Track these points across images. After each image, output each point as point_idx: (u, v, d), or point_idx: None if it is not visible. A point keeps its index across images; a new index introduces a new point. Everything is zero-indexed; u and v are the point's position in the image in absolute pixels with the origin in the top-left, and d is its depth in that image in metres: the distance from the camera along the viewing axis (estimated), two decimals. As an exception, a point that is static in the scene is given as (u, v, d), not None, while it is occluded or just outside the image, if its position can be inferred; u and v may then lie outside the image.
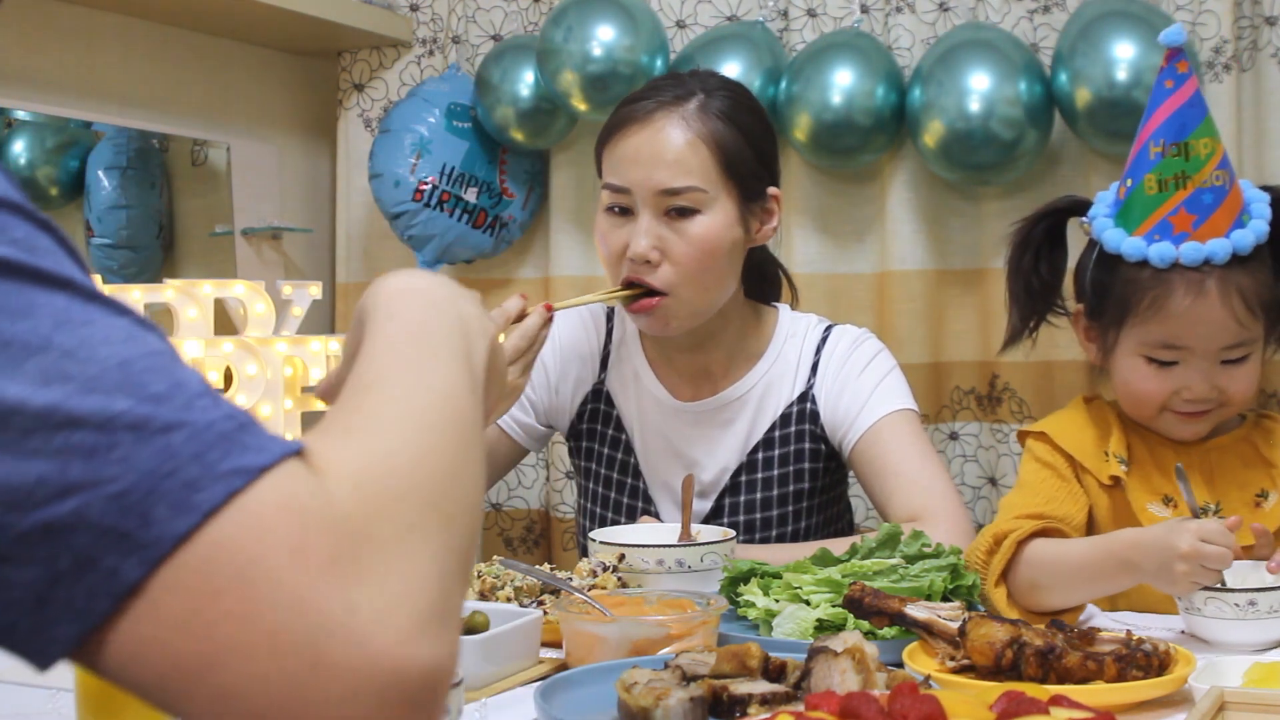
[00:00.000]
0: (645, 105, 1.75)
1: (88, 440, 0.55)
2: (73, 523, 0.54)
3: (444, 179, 3.00)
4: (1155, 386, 1.61)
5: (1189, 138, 1.55)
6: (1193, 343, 1.58)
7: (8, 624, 0.56)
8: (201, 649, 0.56)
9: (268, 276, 3.12)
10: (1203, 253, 1.55)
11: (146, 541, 0.55)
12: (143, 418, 0.56)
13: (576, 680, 1.24)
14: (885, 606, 1.34)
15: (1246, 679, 1.22)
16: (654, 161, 1.73)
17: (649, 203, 1.74)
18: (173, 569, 0.55)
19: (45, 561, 0.54)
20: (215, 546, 0.56)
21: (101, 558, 0.55)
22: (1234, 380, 1.59)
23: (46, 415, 0.55)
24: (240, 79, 3.21)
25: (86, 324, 0.57)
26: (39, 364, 0.55)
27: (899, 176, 2.80)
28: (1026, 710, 0.94)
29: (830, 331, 1.89)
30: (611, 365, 1.94)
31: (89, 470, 0.55)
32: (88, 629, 0.56)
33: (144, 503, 0.55)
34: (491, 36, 3.12)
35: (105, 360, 0.56)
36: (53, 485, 0.54)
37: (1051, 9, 2.73)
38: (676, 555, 1.55)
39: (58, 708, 1.21)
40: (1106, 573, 1.49)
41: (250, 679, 0.56)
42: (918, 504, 1.72)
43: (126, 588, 0.55)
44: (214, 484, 0.56)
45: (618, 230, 1.76)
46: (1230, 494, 1.63)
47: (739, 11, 2.93)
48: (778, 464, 1.85)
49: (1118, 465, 1.64)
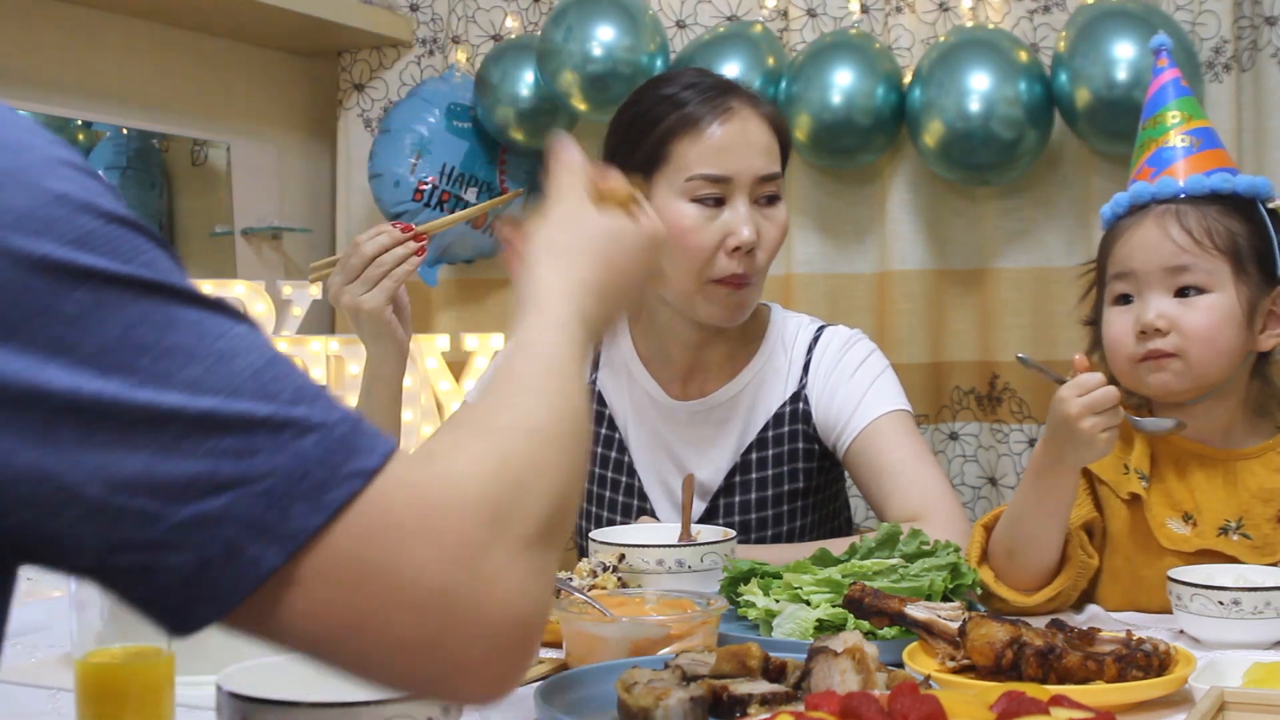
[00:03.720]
0: (716, 97, 1.78)
1: (235, 444, 0.64)
2: (223, 515, 0.64)
3: (444, 179, 3.00)
4: (1119, 327, 1.63)
5: (1157, 112, 1.71)
6: (1135, 265, 1.61)
7: (157, 600, 0.65)
8: (336, 623, 0.68)
9: (268, 276, 3.12)
10: (1150, 190, 1.64)
11: (286, 534, 0.65)
12: (279, 424, 0.66)
13: (576, 680, 1.24)
14: (885, 606, 1.34)
15: (1246, 679, 1.22)
16: (752, 149, 1.77)
17: (747, 190, 1.76)
18: (308, 558, 0.66)
19: (198, 548, 0.64)
20: (344, 537, 0.66)
21: (247, 547, 0.65)
22: (1188, 314, 1.59)
23: (200, 421, 0.64)
24: (240, 79, 3.20)
25: (220, 336, 0.66)
26: (189, 375, 0.64)
27: (899, 176, 2.80)
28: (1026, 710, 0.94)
29: (822, 332, 1.89)
30: (603, 364, 1.94)
31: (237, 470, 0.64)
32: (229, 609, 0.66)
33: (283, 501, 0.65)
34: (491, 36, 3.12)
35: (243, 371, 0.66)
36: (206, 482, 0.64)
37: (1051, 9, 2.73)
38: (676, 555, 1.55)
39: (58, 708, 1.21)
40: (1043, 487, 1.52)
41: (383, 646, 0.69)
42: (915, 504, 1.72)
43: (267, 573, 0.65)
44: (340, 485, 0.67)
45: (710, 224, 1.75)
46: (1254, 507, 1.62)
47: (739, 11, 2.93)
48: (772, 464, 1.85)
49: (1137, 481, 1.63)
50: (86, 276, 0.63)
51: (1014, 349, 2.74)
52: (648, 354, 1.90)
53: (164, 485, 0.63)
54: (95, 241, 0.64)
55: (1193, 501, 1.62)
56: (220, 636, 0.70)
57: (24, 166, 0.65)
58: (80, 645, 1.03)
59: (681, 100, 1.77)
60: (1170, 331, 1.59)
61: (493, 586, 0.71)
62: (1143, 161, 1.69)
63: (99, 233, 0.65)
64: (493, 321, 3.15)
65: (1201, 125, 1.70)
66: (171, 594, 0.65)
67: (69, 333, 0.62)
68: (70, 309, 0.62)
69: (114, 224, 0.66)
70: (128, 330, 0.64)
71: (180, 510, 0.63)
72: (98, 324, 0.63)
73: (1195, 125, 1.69)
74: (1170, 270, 1.60)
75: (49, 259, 0.63)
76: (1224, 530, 1.60)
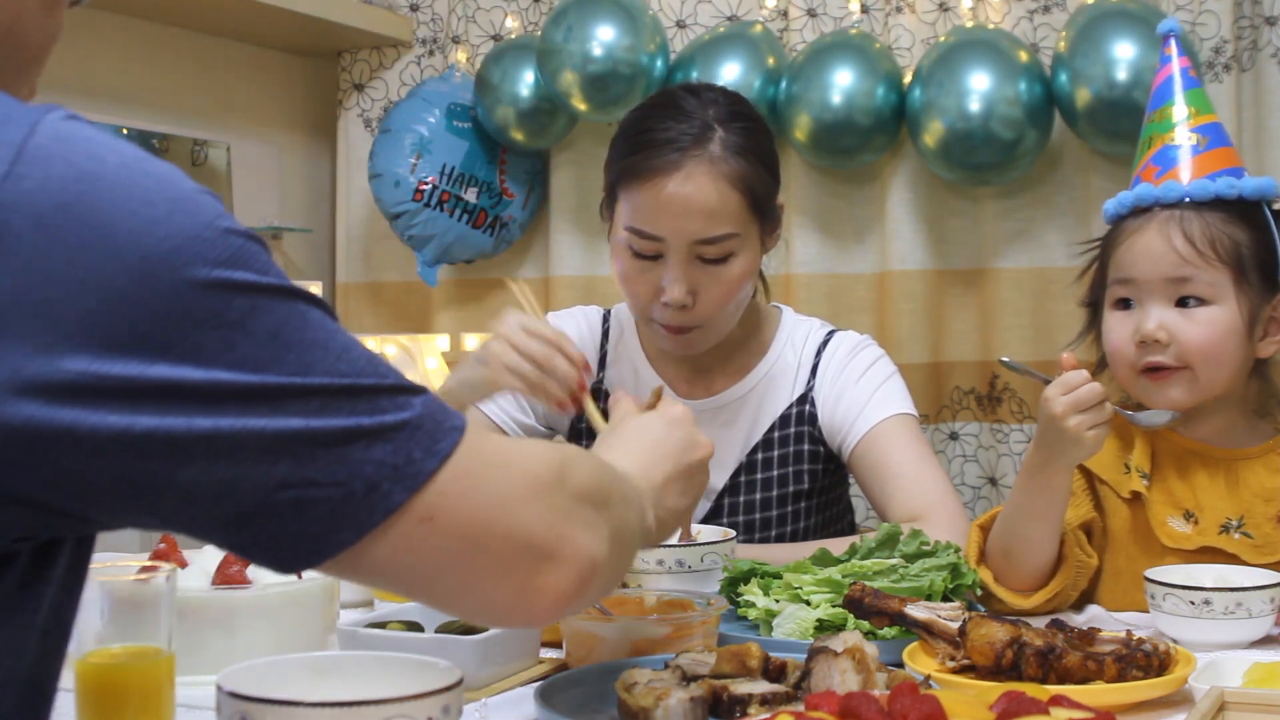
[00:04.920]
0: (668, 152, 1.71)
1: (368, 406, 0.81)
2: (363, 458, 0.80)
3: (444, 179, 2.99)
4: (1119, 335, 1.62)
5: (1163, 105, 1.67)
6: (1137, 273, 1.60)
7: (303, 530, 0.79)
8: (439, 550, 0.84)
9: (268, 276, 3.11)
10: (1154, 193, 1.61)
11: (410, 474, 0.82)
12: (397, 391, 0.83)
13: (576, 680, 1.24)
14: (885, 606, 1.34)
15: (1246, 679, 1.22)
16: (688, 212, 1.71)
17: (682, 251, 1.72)
18: (425, 495, 0.82)
19: (344, 483, 0.79)
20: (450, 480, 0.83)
21: (381, 483, 0.81)
22: (1188, 327, 1.58)
23: (341, 391, 0.80)
24: (240, 79, 3.20)
25: (335, 331, 0.82)
26: (325, 360, 0.80)
27: (899, 176, 2.80)
28: (1026, 710, 0.94)
29: (832, 336, 1.89)
30: (610, 364, 1.94)
31: (373, 423, 0.81)
32: (363, 534, 0.81)
33: (408, 447, 0.82)
34: (491, 36, 3.12)
35: (361, 356, 0.82)
36: (351, 433, 0.80)
37: (1051, 9, 2.73)
38: (676, 555, 1.55)
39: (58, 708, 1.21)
40: (1035, 487, 1.52)
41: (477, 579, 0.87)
42: (917, 504, 1.73)
43: (396, 505, 0.81)
44: (446, 437, 0.84)
45: (645, 274, 1.74)
46: (1255, 507, 1.61)
47: (739, 11, 2.93)
48: (777, 464, 1.85)
49: (1139, 479, 1.63)
50: (240, 290, 0.77)
51: (1014, 349, 2.74)
52: (655, 353, 1.91)
53: (318, 435, 0.78)
54: (241, 258, 0.78)
55: (1194, 500, 1.62)
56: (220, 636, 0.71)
57: (182, 196, 0.77)
58: (80, 645, 1.03)
59: (641, 143, 1.74)
60: (1170, 344, 1.58)
61: (566, 521, 0.89)
62: (1148, 159, 1.66)
63: (243, 250, 0.78)
64: (492, 321, 3.14)
65: (1209, 121, 1.66)
66: (319, 522, 0.79)
67: (232, 337, 0.76)
68: (232, 317, 0.76)
69: (249, 241, 0.79)
70: (276, 331, 0.78)
71: (331, 453, 0.79)
72: (253, 329, 0.77)
73: (1203, 121, 1.65)
74: (1172, 281, 1.59)
75: (212, 278, 0.76)
76: (1225, 528, 1.60)
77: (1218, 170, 1.62)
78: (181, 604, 1.15)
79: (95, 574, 1.03)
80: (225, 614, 1.29)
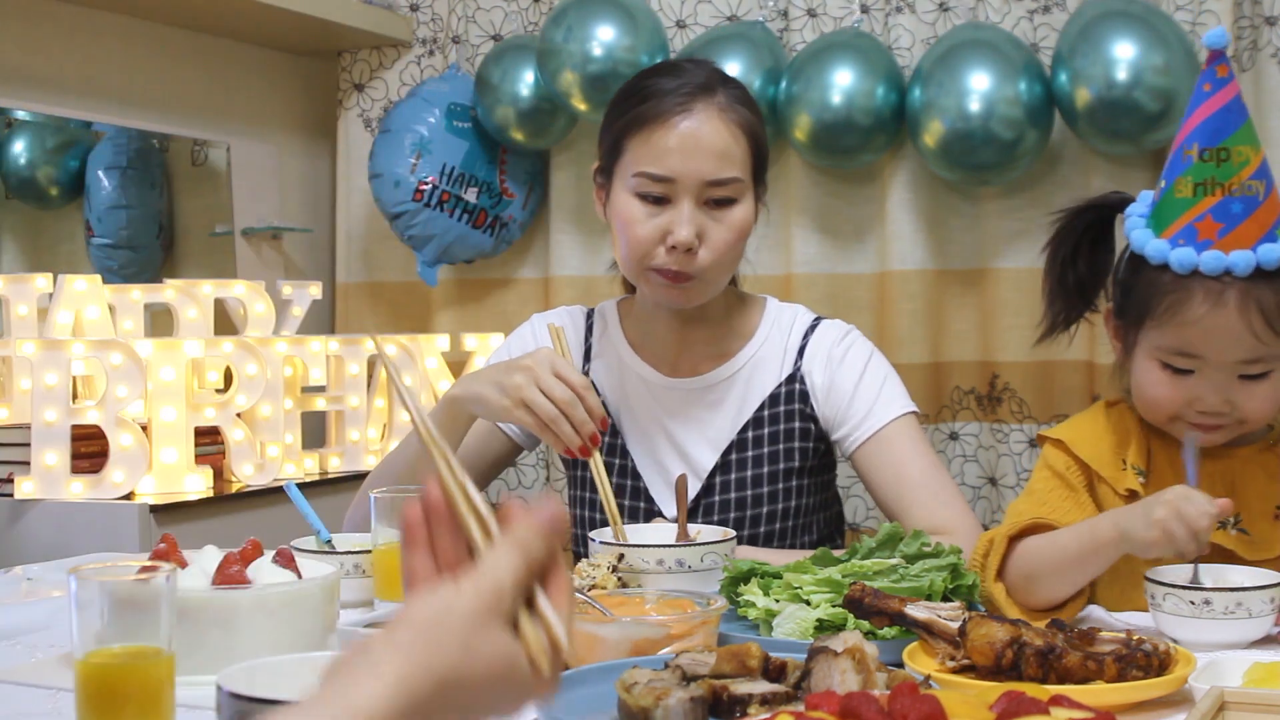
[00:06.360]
0: (678, 95, 1.76)
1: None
2: None
3: (444, 179, 3.00)
4: (1168, 394, 1.58)
5: (1223, 143, 1.52)
6: (1207, 353, 1.54)
7: None
8: None
9: (268, 276, 3.12)
10: (1224, 262, 1.51)
11: None
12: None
13: (576, 680, 1.24)
14: (885, 606, 1.34)
15: (1246, 679, 1.22)
16: (700, 151, 1.75)
17: (692, 192, 1.75)
18: None
19: None
20: None
21: None
22: (1251, 397, 1.55)
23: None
24: (240, 79, 3.21)
25: None
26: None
27: (899, 176, 2.80)
28: (1026, 710, 0.94)
29: (819, 321, 1.92)
30: (595, 356, 1.95)
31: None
32: None
33: None
34: (491, 36, 3.12)
35: None
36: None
37: (1051, 9, 2.73)
38: (676, 555, 1.55)
39: (58, 708, 1.21)
40: (1092, 545, 1.48)
41: None
42: (939, 519, 1.76)
43: None
44: None
45: (652, 219, 1.76)
46: (1251, 505, 1.61)
47: (739, 11, 2.93)
48: (768, 442, 1.87)
49: (1135, 477, 1.62)
50: None
51: (1014, 349, 2.74)
52: (638, 340, 1.93)
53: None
54: None
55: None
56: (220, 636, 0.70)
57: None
58: (80, 645, 1.03)
59: (647, 94, 1.78)
60: (1230, 411, 1.56)
61: None
62: (1208, 209, 1.52)
63: None
64: (493, 321, 3.15)
65: (1262, 161, 1.53)
66: None
67: None
68: None
69: None
70: None
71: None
72: None
73: (1259, 163, 1.53)
74: (1245, 361, 1.54)
75: None
76: (1222, 525, 1.60)
77: (1272, 224, 1.54)
78: (181, 604, 1.15)
79: (95, 574, 1.03)
80: (225, 614, 1.29)
